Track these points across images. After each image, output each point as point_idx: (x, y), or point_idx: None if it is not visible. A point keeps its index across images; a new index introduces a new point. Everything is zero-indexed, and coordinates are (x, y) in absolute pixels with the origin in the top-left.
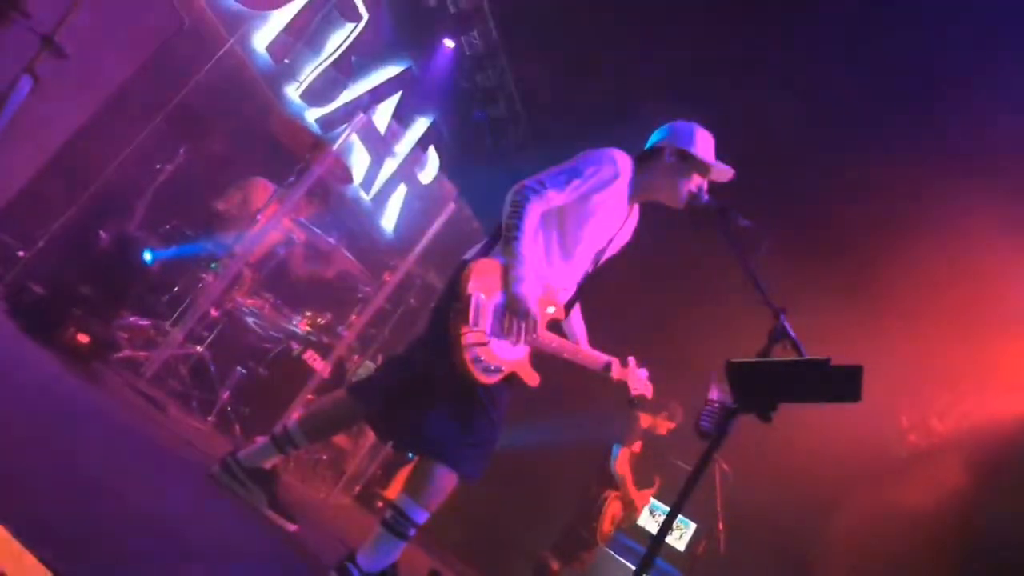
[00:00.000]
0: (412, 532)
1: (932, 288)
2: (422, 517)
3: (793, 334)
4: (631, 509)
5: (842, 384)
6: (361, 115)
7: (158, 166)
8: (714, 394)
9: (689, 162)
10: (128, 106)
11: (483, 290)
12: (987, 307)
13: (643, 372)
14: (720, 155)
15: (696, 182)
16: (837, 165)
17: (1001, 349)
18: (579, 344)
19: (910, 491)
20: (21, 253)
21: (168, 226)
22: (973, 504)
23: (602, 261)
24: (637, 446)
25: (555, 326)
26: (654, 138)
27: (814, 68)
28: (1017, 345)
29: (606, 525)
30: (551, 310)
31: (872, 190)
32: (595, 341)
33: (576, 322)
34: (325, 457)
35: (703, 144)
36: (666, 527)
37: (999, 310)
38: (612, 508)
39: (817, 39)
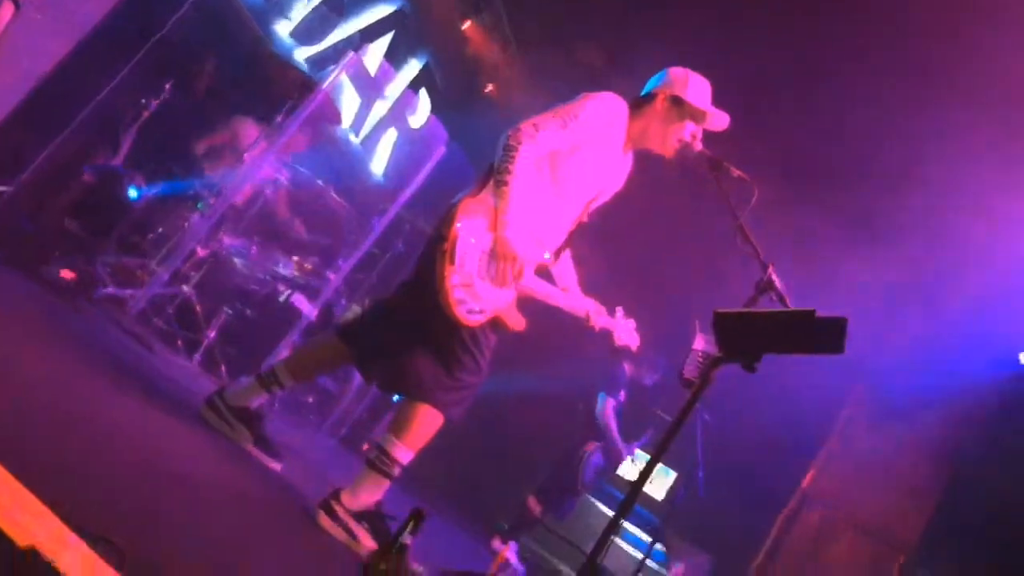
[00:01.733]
0: (396, 471)
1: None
2: (406, 456)
3: (780, 286)
4: (615, 459)
5: (826, 336)
6: (351, 54)
7: (143, 100)
8: (699, 343)
9: (683, 108)
10: (113, 38)
11: (471, 232)
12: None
13: (630, 322)
14: (716, 101)
15: (689, 130)
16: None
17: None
18: (568, 291)
19: (886, 444)
20: (3, 188)
21: (154, 163)
22: (952, 463)
23: (594, 208)
24: (622, 395)
25: (545, 272)
26: (649, 84)
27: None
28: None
29: (589, 474)
30: (543, 255)
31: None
32: (583, 289)
33: (566, 268)
34: (311, 399)
35: (698, 91)
36: (644, 475)
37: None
38: (595, 458)
39: None
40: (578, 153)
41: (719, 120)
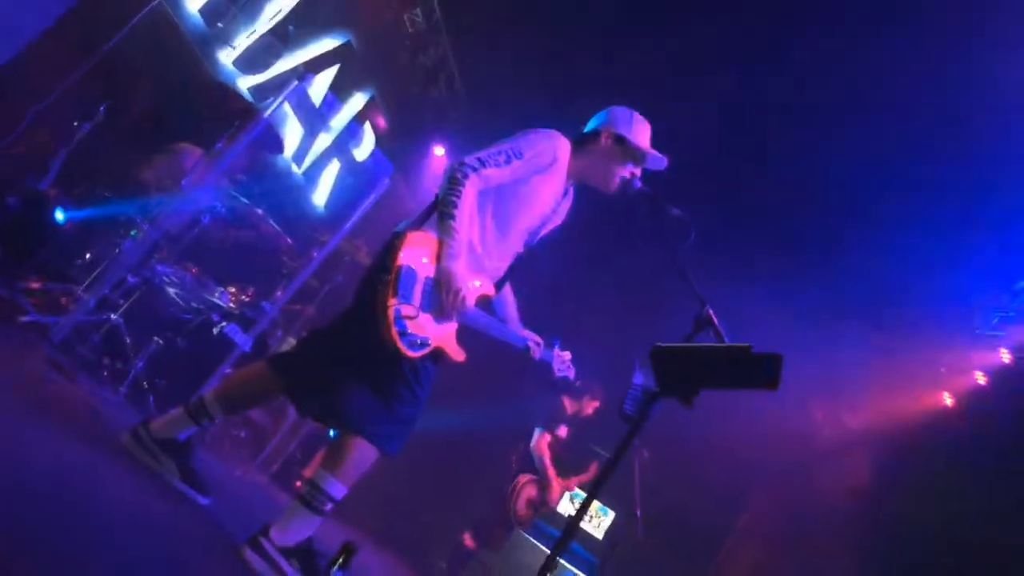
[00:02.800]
0: (328, 507)
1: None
2: (340, 492)
3: (717, 321)
4: (548, 493)
5: (762, 372)
6: (295, 83)
7: (76, 123)
8: (638, 378)
9: (625, 148)
10: (46, 58)
11: (413, 263)
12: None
13: (566, 355)
14: (656, 143)
15: (630, 168)
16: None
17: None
18: (508, 322)
19: (822, 484)
20: None
21: (84, 186)
22: (880, 499)
23: (535, 242)
24: (562, 431)
25: (485, 303)
26: (592, 122)
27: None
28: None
29: (521, 507)
30: (480, 286)
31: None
32: (522, 322)
33: (507, 301)
34: (243, 434)
35: (639, 131)
36: (582, 511)
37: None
38: (528, 491)
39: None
40: (521, 188)
41: (658, 161)
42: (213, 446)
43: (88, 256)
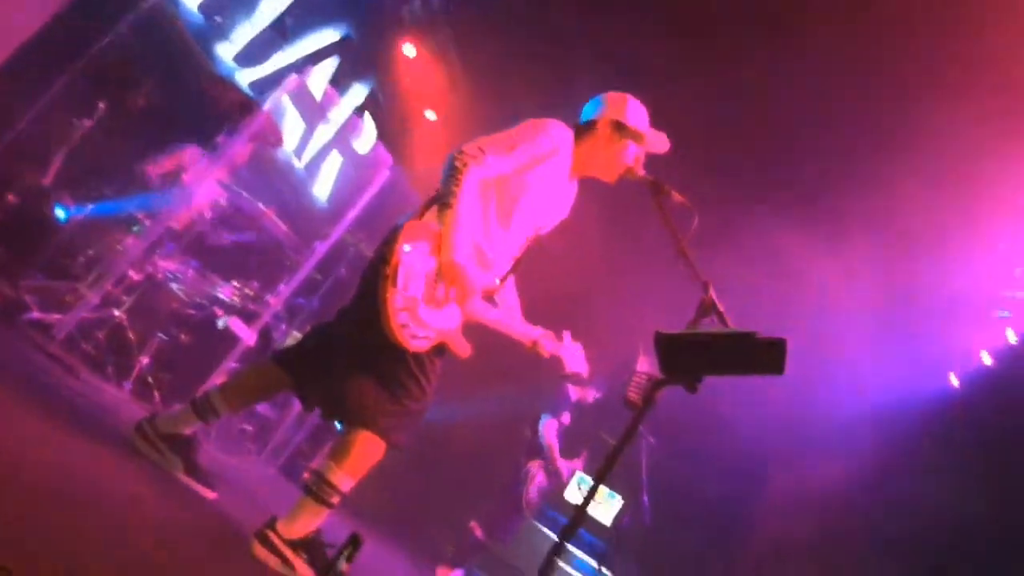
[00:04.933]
0: (336, 500)
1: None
2: (346, 484)
3: (721, 307)
4: (557, 479)
5: (767, 357)
6: (294, 76)
7: (76, 120)
8: (642, 365)
9: (624, 132)
10: (46, 55)
11: (415, 255)
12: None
13: (578, 347)
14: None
15: (632, 152)
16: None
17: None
18: (512, 317)
19: (832, 467)
20: None
21: (85, 184)
22: (888, 481)
23: (539, 235)
24: (566, 417)
25: (488, 298)
26: (587, 110)
27: None
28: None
29: (532, 493)
30: (489, 280)
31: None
32: (524, 314)
33: (510, 294)
34: (249, 428)
35: (636, 114)
36: (589, 497)
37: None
38: (539, 477)
39: None
40: (524, 178)
41: (659, 142)
42: (219, 440)
43: (90, 253)
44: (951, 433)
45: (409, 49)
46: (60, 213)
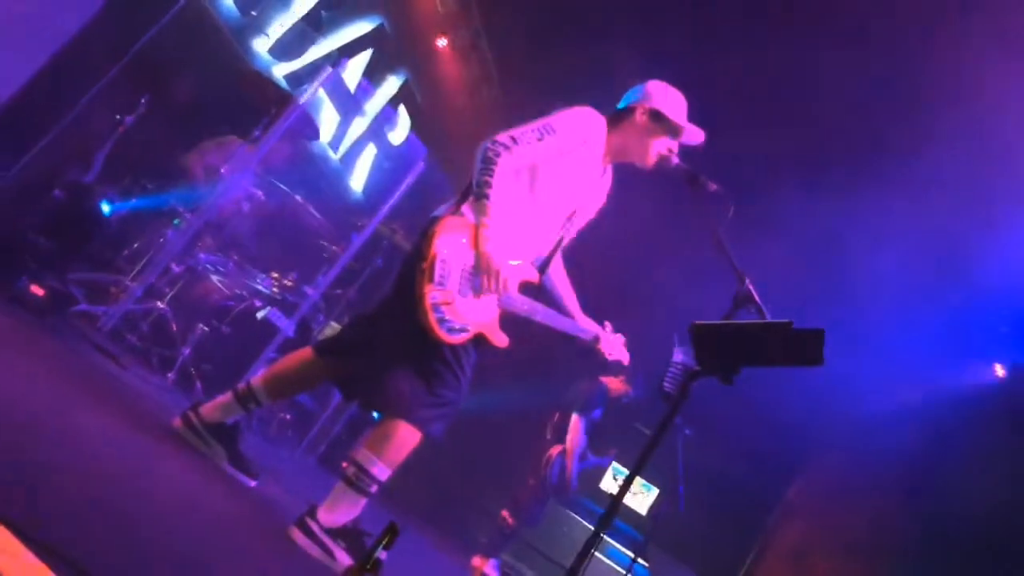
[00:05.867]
0: (374, 488)
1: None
2: (384, 473)
3: (758, 298)
4: (564, 476)
5: (804, 348)
6: (329, 69)
7: (118, 117)
8: (678, 356)
9: (661, 123)
10: (87, 54)
11: (450, 248)
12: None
13: (619, 338)
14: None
15: (667, 144)
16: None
17: None
18: (565, 309)
19: (865, 457)
20: None
21: (128, 179)
22: (928, 471)
23: (576, 224)
24: (597, 413)
25: (531, 290)
26: (627, 98)
27: None
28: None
29: (554, 476)
30: (520, 269)
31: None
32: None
33: (561, 285)
34: (289, 417)
35: (675, 105)
36: (624, 488)
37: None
38: (558, 462)
39: None
40: (556, 166)
41: (695, 135)
42: (260, 429)
43: (135, 246)
44: (994, 424)
45: (442, 40)
46: (105, 208)
